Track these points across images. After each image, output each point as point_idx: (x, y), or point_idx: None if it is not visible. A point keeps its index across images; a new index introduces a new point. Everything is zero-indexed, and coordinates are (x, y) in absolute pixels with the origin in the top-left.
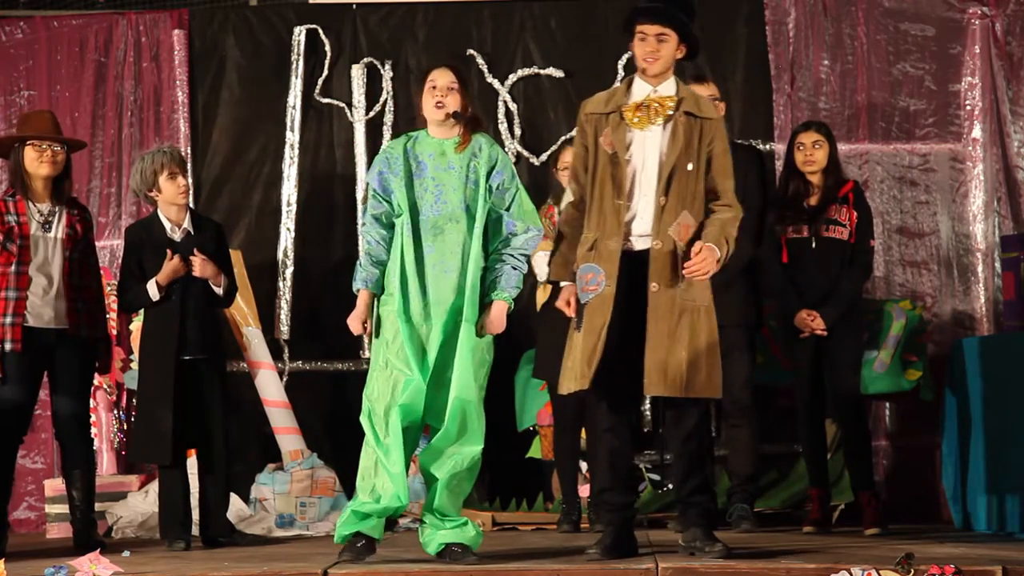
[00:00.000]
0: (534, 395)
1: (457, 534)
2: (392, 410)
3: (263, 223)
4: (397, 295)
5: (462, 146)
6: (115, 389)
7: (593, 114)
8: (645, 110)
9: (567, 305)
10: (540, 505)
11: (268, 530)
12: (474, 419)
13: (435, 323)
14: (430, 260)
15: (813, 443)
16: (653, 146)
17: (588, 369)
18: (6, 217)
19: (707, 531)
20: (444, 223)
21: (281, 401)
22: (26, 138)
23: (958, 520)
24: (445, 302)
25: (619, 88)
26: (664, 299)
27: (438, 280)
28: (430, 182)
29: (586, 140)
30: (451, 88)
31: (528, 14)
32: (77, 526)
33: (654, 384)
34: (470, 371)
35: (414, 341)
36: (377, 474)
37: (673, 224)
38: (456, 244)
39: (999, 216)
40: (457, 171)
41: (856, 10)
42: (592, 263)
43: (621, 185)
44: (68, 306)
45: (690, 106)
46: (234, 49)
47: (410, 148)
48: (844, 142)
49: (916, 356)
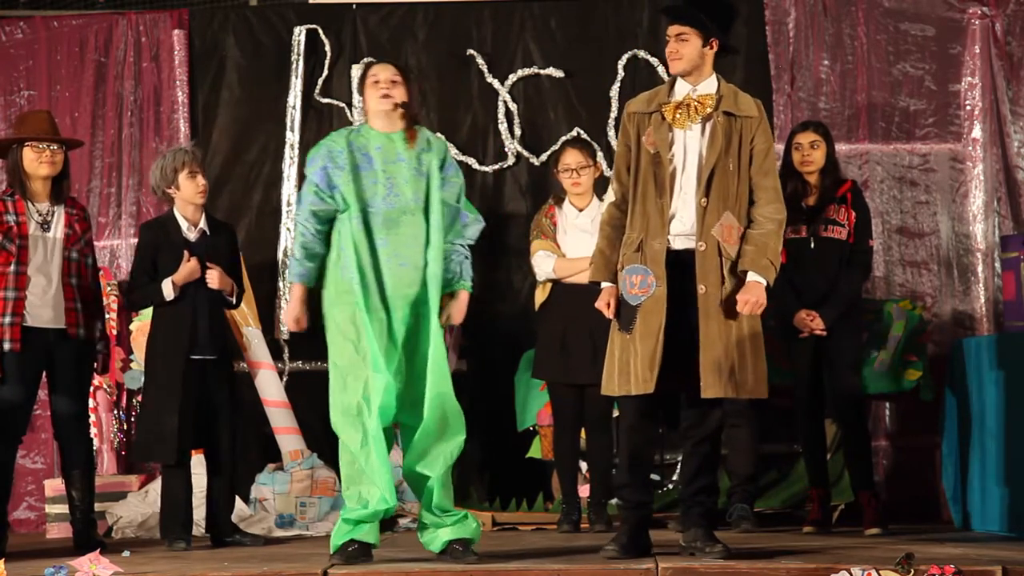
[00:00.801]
0: (534, 395)
1: (459, 529)
2: (369, 412)
3: (263, 223)
4: (357, 290)
5: (411, 139)
6: (115, 389)
7: (636, 113)
8: (685, 109)
9: (607, 307)
10: (540, 505)
11: (268, 530)
12: (454, 411)
13: (395, 317)
14: (384, 253)
15: (813, 443)
16: (693, 146)
17: (651, 373)
18: (5, 217)
19: (708, 532)
20: (399, 216)
21: (281, 401)
22: (24, 139)
23: (958, 520)
24: (403, 295)
25: (662, 87)
26: (713, 300)
27: (394, 272)
28: (380, 175)
29: (629, 140)
30: (394, 81)
31: (528, 14)
32: (77, 526)
33: (711, 386)
34: (443, 363)
35: (379, 336)
36: (360, 480)
37: (716, 225)
38: (412, 237)
39: (999, 216)
40: (408, 163)
41: (856, 10)
42: (639, 264)
43: (663, 184)
44: (67, 306)
45: (729, 105)
46: (234, 49)
47: (353, 141)
48: (844, 142)
49: (916, 356)
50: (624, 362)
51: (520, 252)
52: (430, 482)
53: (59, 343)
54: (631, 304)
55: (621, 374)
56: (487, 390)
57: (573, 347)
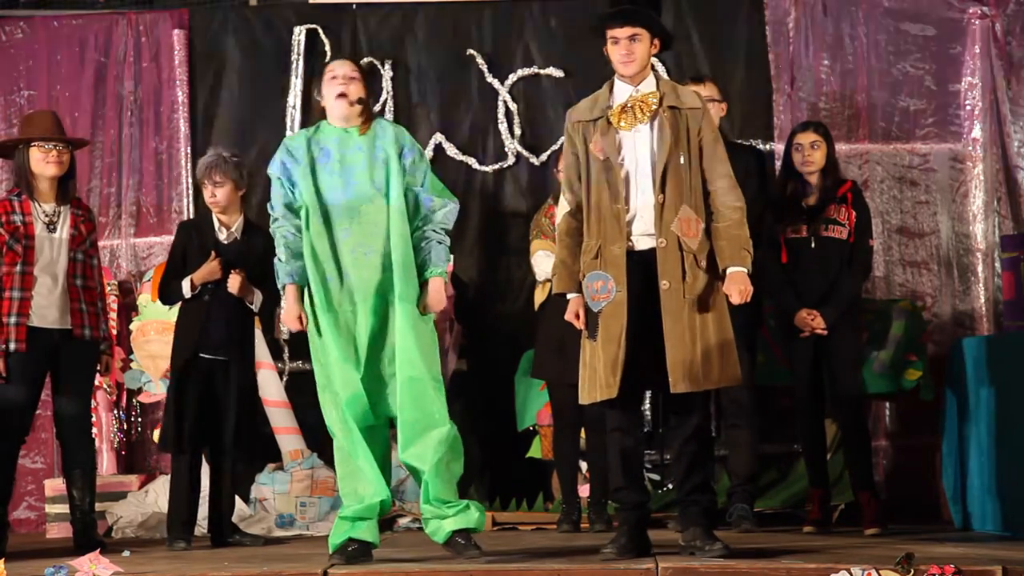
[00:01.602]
0: (534, 395)
1: (462, 519)
2: (344, 411)
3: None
4: (317, 286)
5: (364, 127)
6: (115, 389)
7: (580, 122)
8: (630, 111)
9: (576, 318)
10: (540, 505)
11: (268, 530)
12: (430, 398)
13: (360, 308)
14: (348, 244)
15: (813, 443)
16: (643, 145)
17: (614, 378)
18: (12, 217)
19: (707, 530)
20: (359, 204)
21: (281, 401)
22: (31, 139)
23: (958, 520)
24: (368, 284)
25: (601, 93)
26: (675, 296)
27: (358, 263)
28: (336, 166)
29: (576, 149)
30: (351, 77)
31: (528, 14)
32: (77, 526)
33: (679, 381)
34: (415, 349)
35: (341, 332)
36: (354, 476)
37: (674, 220)
38: (374, 224)
39: (999, 216)
40: (364, 152)
41: (856, 10)
42: (599, 271)
43: (617, 189)
44: (72, 306)
45: (672, 100)
46: (234, 49)
47: (311, 137)
48: (844, 142)
49: (916, 356)
50: (592, 368)
51: (520, 252)
52: (425, 475)
53: (64, 343)
54: (594, 311)
55: (591, 381)
56: (487, 390)
57: (573, 347)
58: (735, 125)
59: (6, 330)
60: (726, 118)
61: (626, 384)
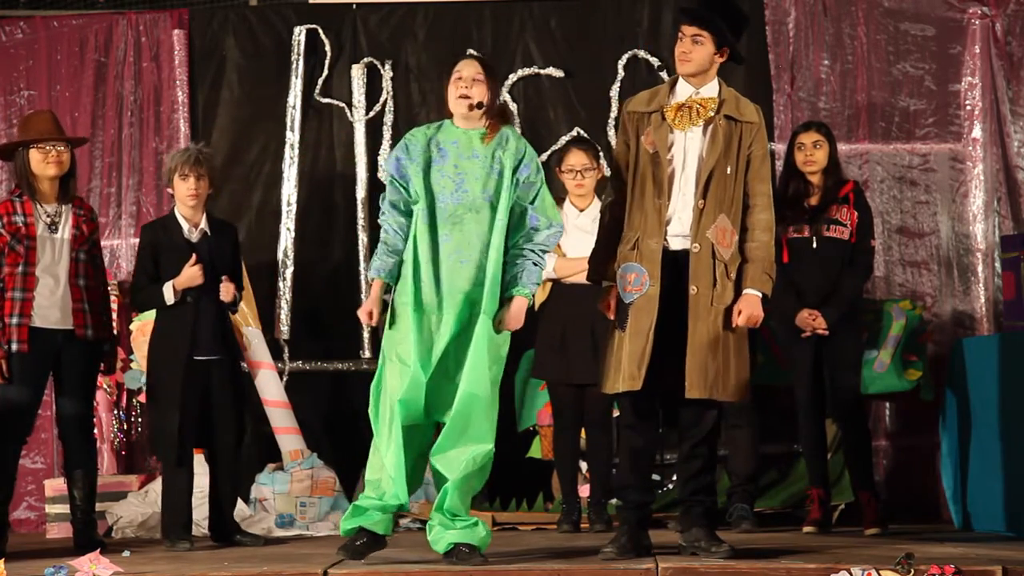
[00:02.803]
0: (534, 395)
1: (467, 534)
2: (393, 406)
3: (263, 223)
4: (409, 283)
5: (489, 137)
6: (115, 389)
7: (635, 112)
8: (687, 111)
9: (607, 308)
10: (540, 505)
11: (268, 530)
12: (482, 415)
13: (447, 313)
14: (446, 249)
15: (813, 443)
16: (693, 148)
17: (639, 371)
18: (13, 218)
19: (711, 531)
20: (464, 212)
21: (281, 401)
22: (30, 141)
23: (958, 520)
24: (459, 292)
25: (663, 87)
26: (704, 302)
27: (453, 270)
28: (451, 170)
29: (628, 138)
30: (476, 79)
31: (528, 14)
32: (77, 526)
33: (695, 387)
34: (484, 365)
35: (422, 332)
36: (381, 470)
37: (711, 227)
38: (475, 235)
39: (999, 216)
40: (481, 160)
41: (856, 10)
42: (635, 262)
43: (662, 184)
44: (74, 307)
45: (731, 110)
46: (234, 49)
47: (432, 136)
48: (844, 142)
49: (916, 356)
50: (618, 360)
51: None
52: (447, 484)
53: (67, 344)
54: (625, 302)
55: (615, 371)
56: None
57: (573, 347)
58: None
59: (8, 331)
60: None
61: (648, 380)
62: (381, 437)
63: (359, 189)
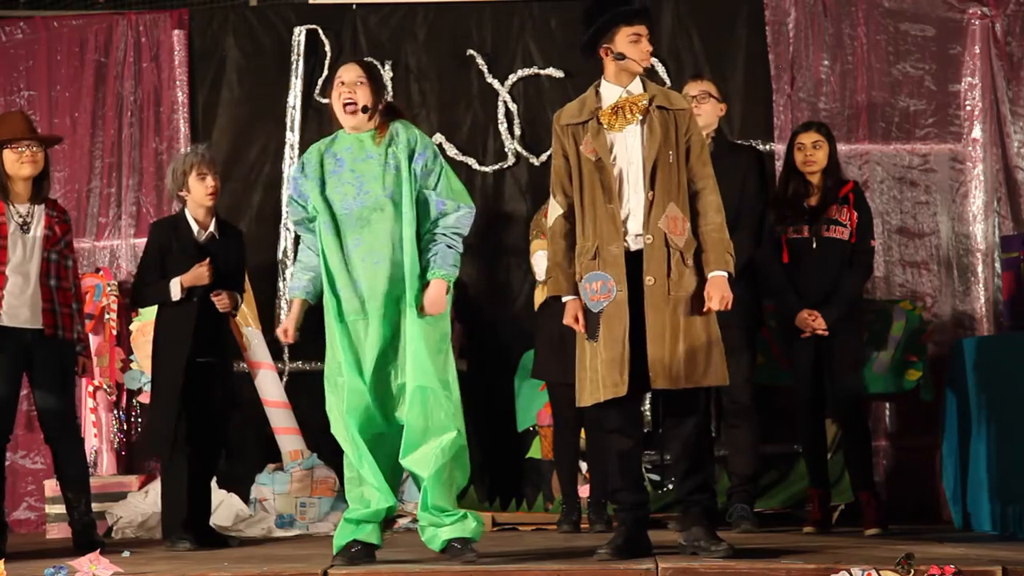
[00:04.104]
0: (534, 395)
1: (458, 528)
2: (346, 419)
3: (263, 223)
4: (329, 296)
5: (380, 135)
6: (115, 389)
7: (569, 124)
8: (620, 112)
9: (575, 321)
10: (540, 505)
11: (268, 530)
12: (437, 406)
13: (372, 317)
14: (359, 253)
15: (813, 443)
16: (634, 144)
17: (621, 377)
18: None
19: (710, 530)
20: (369, 213)
21: (281, 401)
22: (3, 142)
23: (958, 520)
24: (380, 293)
25: (588, 95)
26: (659, 292)
27: (369, 271)
28: (349, 175)
29: (565, 151)
30: (359, 83)
31: (528, 14)
32: (76, 527)
33: (659, 377)
34: (425, 357)
35: (350, 341)
36: (361, 483)
37: (662, 217)
38: (384, 233)
39: (999, 216)
40: (376, 159)
41: (856, 10)
42: (598, 271)
43: (610, 189)
44: (44, 306)
45: (661, 100)
46: (234, 49)
47: (327, 148)
48: (844, 142)
49: (916, 356)
50: (594, 370)
51: (520, 252)
52: (424, 481)
53: (37, 343)
54: (594, 311)
55: (592, 383)
56: (487, 390)
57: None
58: (735, 125)
59: None
60: (726, 118)
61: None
62: (349, 453)
63: None
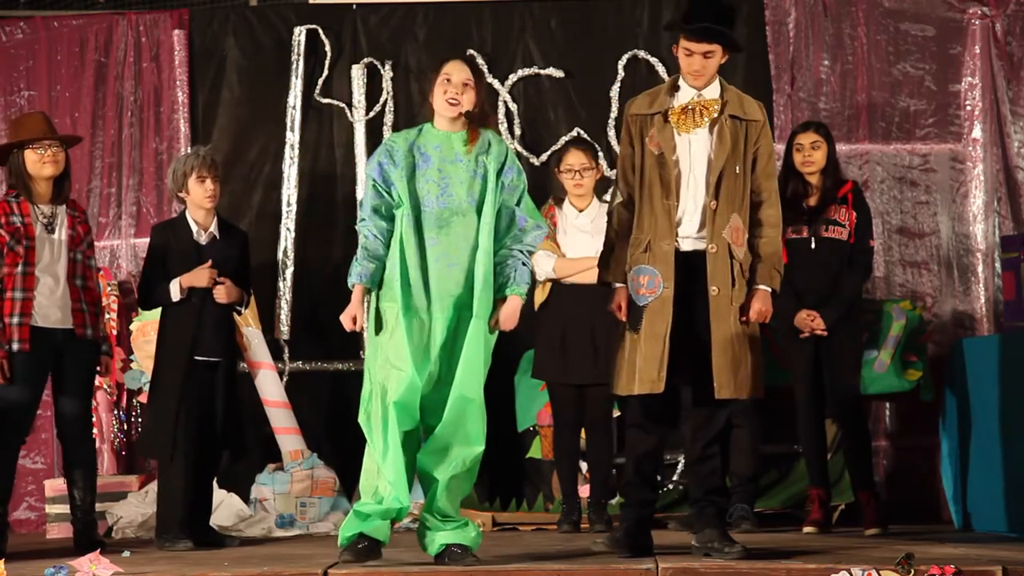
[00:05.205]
0: (534, 395)
1: (458, 535)
2: (389, 410)
3: (263, 223)
4: (397, 288)
5: (472, 141)
6: (115, 389)
7: (638, 115)
8: (690, 113)
9: (619, 309)
10: (540, 505)
11: (268, 530)
12: (475, 418)
13: (437, 317)
14: (434, 253)
15: (813, 443)
16: (700, 149)
17: (659, 374)
18: (12, 218)
19: (724, 532)
20: (450, 216)
21: (281, 401)
22: (24, 142)
23: (958, 520)
24: (449, 296)
25: (663, 88)
26: (724, 302)
27: (442, 273)
28: (436, 174)
29: (632, 140)
30: (466, 85)
31: (528, 14)
32: (78, 526)
33: (724, 387)
34: (476, 368)
35: (415, 336)
36: (379, 476)
37: (726, 227)
38: (462, 238)
39: (999, 216)
40: (464, 164)
41: (856, 10)
42: (647, 265)
43: (669, 185)
44: (74, 306)
45: (735, 109)
46: (234, 49)
47: (414, 141)
48: (844, 142)
49: (916, 356)
50: (631, 362)
51: None
52: (436, 485)
53: (67, 343)
54: (639, 305)
55: (629, 373)
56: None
57: (573, 347)
58: None
59: (9, 330)
60: None
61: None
62: (375, 443)
63: (359, 189)
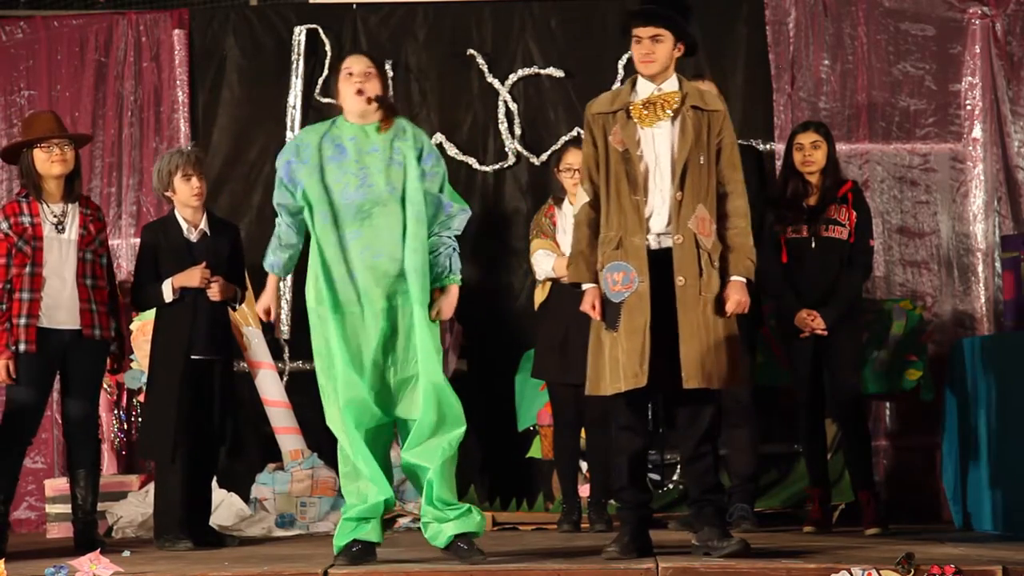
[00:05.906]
0: (534, 395)
1: (464, 523)
2: (343, 412)
3: (263, 223)
4: (323, 287)
5: (384, 128)
6: (115, 389)
7: (600, 114)
8: (651, 107)
9: (592, 308)
10: (540, 505)
11: (268, 530)
12: (449, 400)
13: (368, 311)
14: (357, 246)
15: (813, 443)
16: (664, 142)
17: (641, 368)
18: (20, 219)
19: (723, 530)
20: (371, 207)
21: (281, 401)
22: (34, 141)
23: (958, 520)
24: (377, 288)
25: (623, 88)
26: (691, 292)
27: (367, 265)
28: (354, 165)
29: (595, 140)
30: (368, 73)
31: (528, 14)
32: (78, 526)
33: (692, 376)
34: (433, 354)
35: (348, 333)
36: (356, 477)
37: (691, 218)
38: (386, 227)
39: (999, 216)
40: (381, 153)
41: (856, 10)
42: (620, 261)
43: (636, 181)
44: (82, 307)
45: (695, 100)
46: (234, 49)
47: (326, 132)
48: (844, 142)
49: (916, 356)
50: (613, 360)
51: (520, 252)
52: (429, 474)
53: (74, 344)
54: (614, 302)
55: (611, 372)
56: (487, 390)
57: (573, 347)
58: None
59: (16, 331)
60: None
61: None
62: (344, 445)
63: None
